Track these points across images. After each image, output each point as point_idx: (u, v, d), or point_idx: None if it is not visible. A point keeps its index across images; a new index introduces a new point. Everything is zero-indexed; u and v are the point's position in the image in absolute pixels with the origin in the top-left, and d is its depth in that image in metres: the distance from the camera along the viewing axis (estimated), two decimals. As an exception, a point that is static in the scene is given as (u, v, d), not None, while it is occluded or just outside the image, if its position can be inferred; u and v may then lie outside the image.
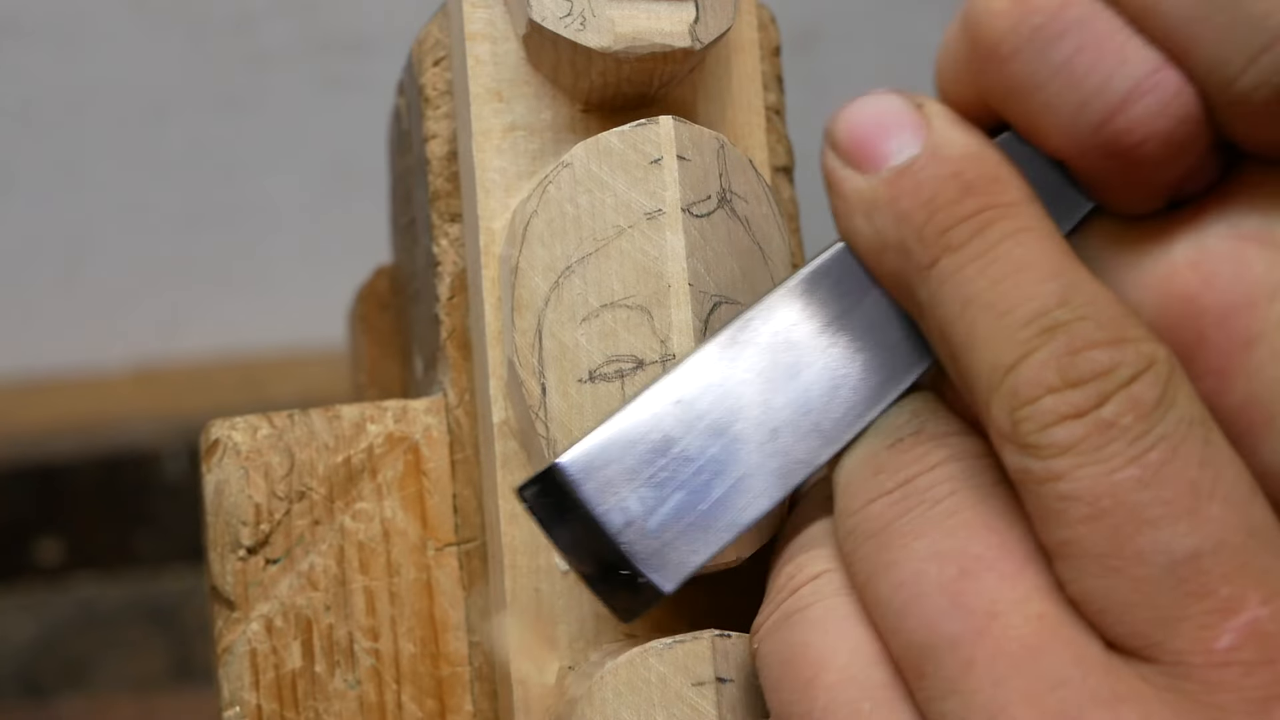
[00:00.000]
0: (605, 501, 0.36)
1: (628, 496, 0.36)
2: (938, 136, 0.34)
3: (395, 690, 0.43)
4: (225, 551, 0.42)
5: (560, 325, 0.41)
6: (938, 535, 0.33)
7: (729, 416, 0.37)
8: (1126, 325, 0.32)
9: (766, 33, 0.46)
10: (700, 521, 0.36)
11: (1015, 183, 0.34)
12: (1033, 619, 0.31)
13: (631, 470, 0.36)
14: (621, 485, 0.36)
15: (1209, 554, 0.30)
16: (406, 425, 0.44)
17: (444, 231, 0.45)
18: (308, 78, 1.10)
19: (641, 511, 0.36)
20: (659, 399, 0.37)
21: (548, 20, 0.41)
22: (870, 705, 0.33)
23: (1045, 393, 0.31)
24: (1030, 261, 0.32)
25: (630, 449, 0.36)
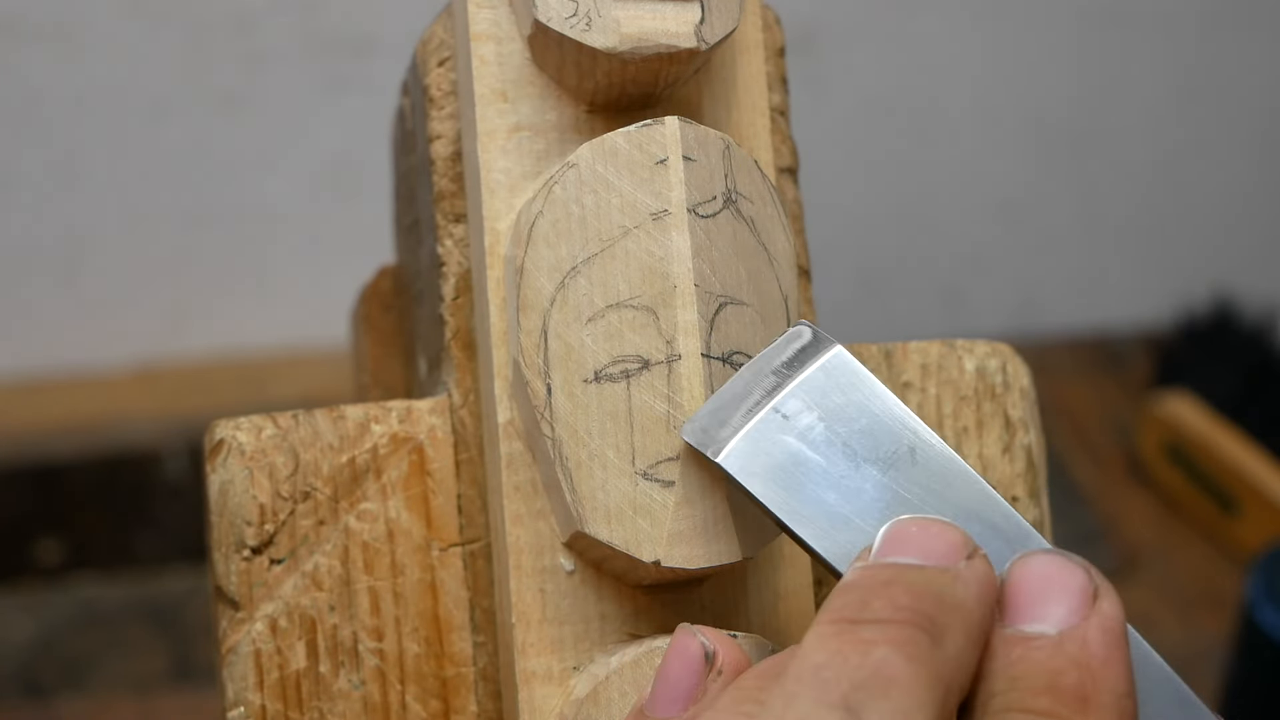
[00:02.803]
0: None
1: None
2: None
3: (399, 690, 0.43)
4: (230, 551, 0.42)
5: (566, 326, 0.41)
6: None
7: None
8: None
9: (771, 33, 0.46)
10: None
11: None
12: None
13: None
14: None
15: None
16: (411, 426, 0.44)
17: (449, 232, 0.45)
18: (308, 78, 1.09)
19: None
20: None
21: (553, 21, 0.41)
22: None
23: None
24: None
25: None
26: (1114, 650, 0.35)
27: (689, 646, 0.38)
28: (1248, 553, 1.03)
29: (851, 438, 0.39)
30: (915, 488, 0.39)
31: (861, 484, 0.39)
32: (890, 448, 0.39)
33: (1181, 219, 1.27)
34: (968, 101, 1.20)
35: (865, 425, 0.39)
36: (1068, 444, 1.14)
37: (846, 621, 0.34)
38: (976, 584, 0.35)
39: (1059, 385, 1.18)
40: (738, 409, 0.40)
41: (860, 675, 0.33)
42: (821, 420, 0.39)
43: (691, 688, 0.38)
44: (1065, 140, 1.23)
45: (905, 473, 0.39)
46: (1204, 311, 1.19)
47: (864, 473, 0.39)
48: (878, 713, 0.33)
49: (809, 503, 0.39)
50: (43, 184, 1.09)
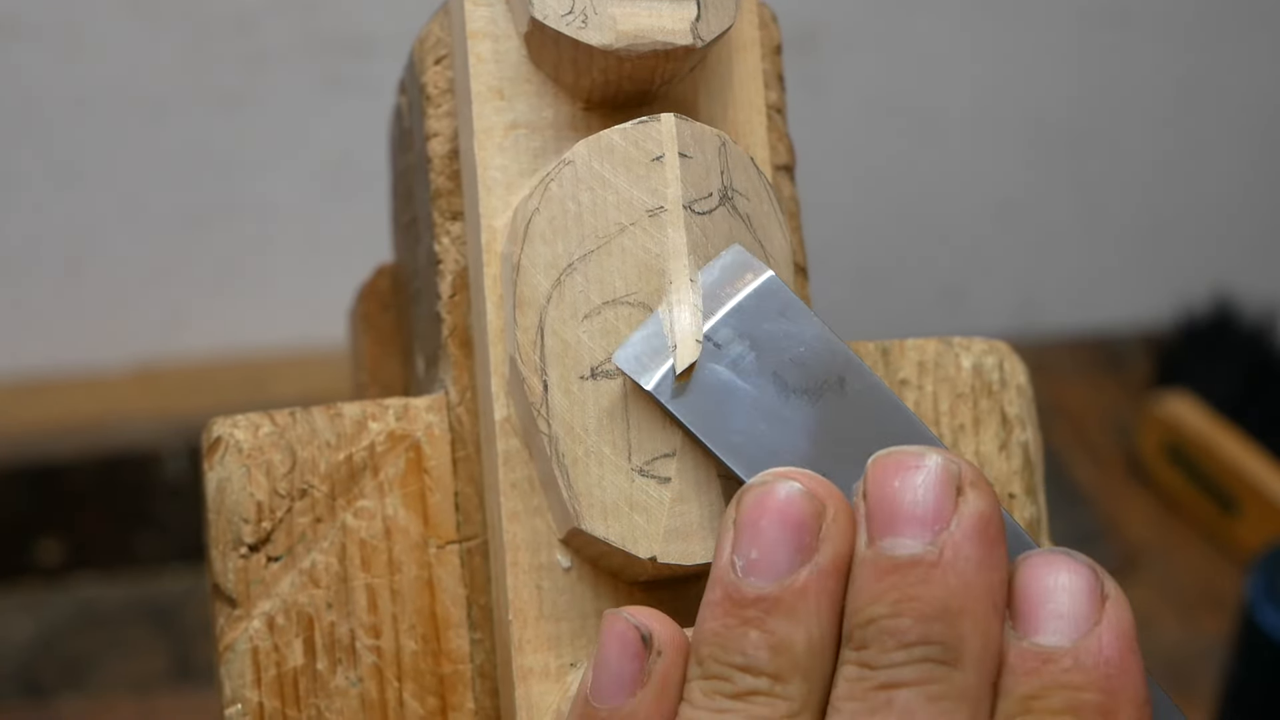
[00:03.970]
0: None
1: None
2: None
3: (397, 688, 0.43)
4: (227, 549, 0.42)
5: (562, 322, 0.41)
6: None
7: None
8: None
9: (768, 31, 0.46)
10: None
11: None
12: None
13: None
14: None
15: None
16: (408, 423, 0.44)
17: (445, 230, 0.45)
18: (308, 77, 1.10)
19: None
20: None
21: (549, 18, 0.41)
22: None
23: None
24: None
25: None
26: (1129, 656, 0.35)
27: (623, 631, 0.38)
28: (1248, 553, 1.03)
29: (782, 366, 0.39)
30: (844, 418, 0.39)
31: (790, 414, 0.39)
32: (821, 377, 0.39)
33: (1181, 219, 1.27)
34: (967, 101, 1.21)
35: (796, 354, 0.39)
36: (1067, 444, 1.14)
37: (867, 667, 0.34)
38: (974, 546, 0.35)
39: (1059, 385, 1.18)
40: (668, 334, 0.40)
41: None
42: (752, 349, 0.39)
43: (635, 673, 0.37)
44: (1065, 140, 1.23)
45: (834, 403, 0.39)
46: (1204, 311, 1.19)
47: (793, 402, 0.39)
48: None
49: (737, 432, 0.39)
50: (43, 184, 1.09)
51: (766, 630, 0.35)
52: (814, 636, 0.35)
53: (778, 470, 0.36)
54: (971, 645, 0.34)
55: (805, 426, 0.39)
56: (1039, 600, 0.35)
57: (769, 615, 0.35)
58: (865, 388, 0.39)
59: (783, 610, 0.35)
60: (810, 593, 0.35)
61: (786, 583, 0.35)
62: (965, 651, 0.34)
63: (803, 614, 0.35)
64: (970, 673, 0.34)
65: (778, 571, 0.35)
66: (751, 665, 0.35)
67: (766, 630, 0.35)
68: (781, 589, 0.35)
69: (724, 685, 0.35)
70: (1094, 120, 1.23)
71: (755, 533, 0.36)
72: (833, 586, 0.35)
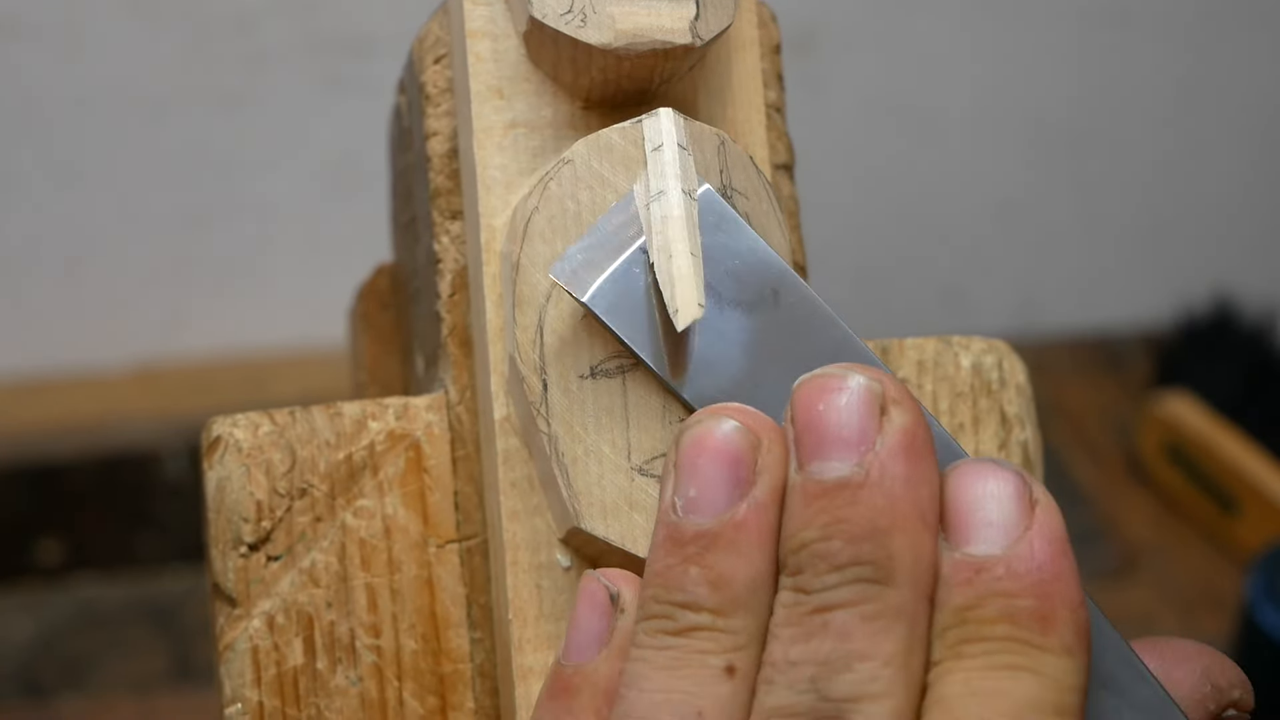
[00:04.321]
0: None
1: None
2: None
3: (397, 687, 0.43)
4: (227, 548, 0.42)
5: (562, 321, 0.41)
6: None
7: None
8: None
9: (767, 30, 0.46)
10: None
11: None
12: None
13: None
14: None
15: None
16: (408, 422, 0.44)
17: (445, 229, 0.45)
18: (308, 77, 1.10)
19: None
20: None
21: (548, 17, 0.41)
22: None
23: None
24: None
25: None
26: (1061, 560, 0.35)
27: (594, 591, 0.38)
28: (1248, 553, 1.03)
29: (716, 279, 0.39)
30: (778, 330, 0.39)
31: (724, 326, 0.39)
32: (755, 290, 0.39)
33: (1181, 219, 1.27)
34: (967, 101, 1.20)
35: (731, 267, 0.39)
36: (1067, 444, 1.14)
37: (801, 592, 0.34)
38: (900, 463, 0.35)
39: (1059, 385, 1.18)
40: (607, 249, 0.40)
41: (823, 653, 0.34)
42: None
43: (602, 630, 0.37)
44: (1065, 140, 1.23)
45: (768, 315, 0.39)
46: (1204, 311, 1.19)
47: (727, 315, 0.39)
48: (845, 685, 0.33)
49: (672, 344, 0.39)
50: (43, 184, 1.09)
51: (706, 566, 0.35)
52: (755, 570, 0.35)
53: (712, 408, 0.37)
54: (903, 562, 0.34)
55: (739, 339, 0.39)
56: (968, 510, 0.35)
57: (708, 551, 0.35)
58: (799, 300, 0.39)
59: (722, 545, 0.35)
60: (749, 526, 0.35)
61: (725, 518, 0.35)
62: (897, 569, 0.34)
63: (743, 548, 0.35)
64: (904, 589, 0.34)
65: (716, 507, 0.35)
66: (693, 601, 0.35)
67: (706, 566, 0.35)
68: (720, 524, 0.35)
69: (667, 623, 0.35)
70: (1094, 120, 1.23)
71: (693, 471, 0.36)
72: (771, 519, 0.35)
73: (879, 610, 0.34)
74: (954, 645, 0.34)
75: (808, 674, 0.34)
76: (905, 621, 0.34)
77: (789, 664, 0.34)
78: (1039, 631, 0.34)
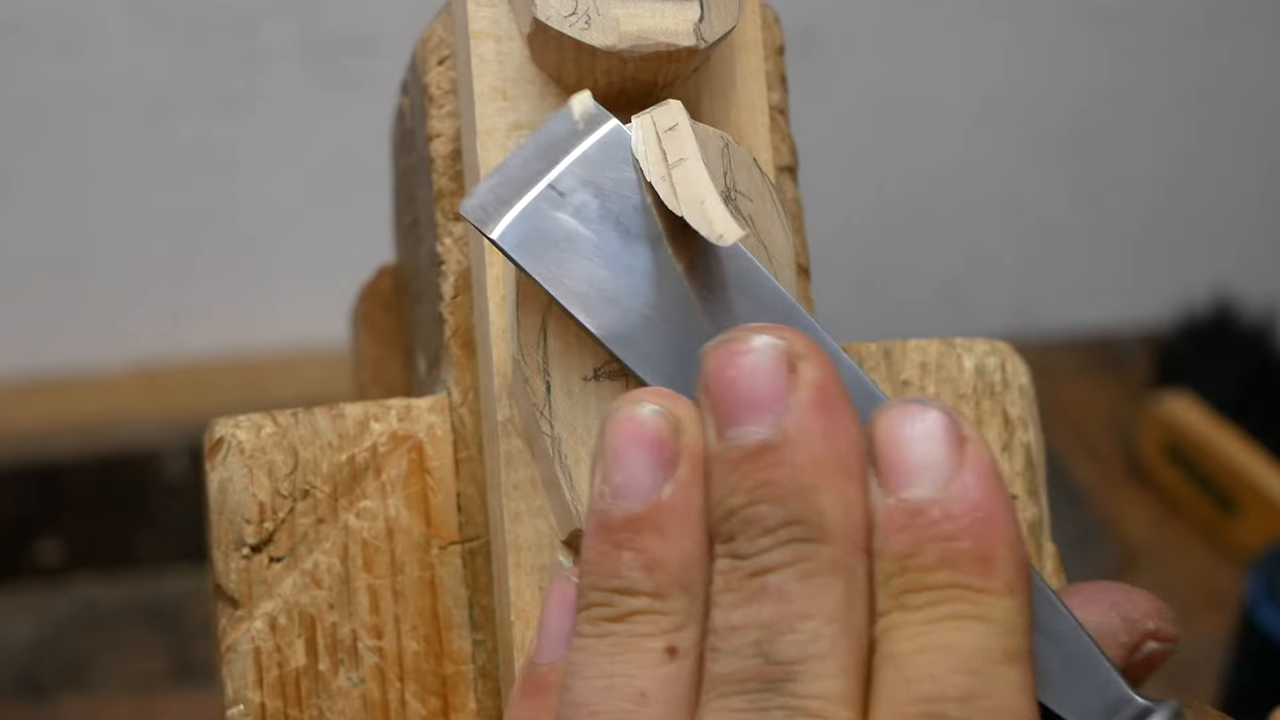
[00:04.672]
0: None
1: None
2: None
3: (399, 688, 0.43)
4: (229, 550, 0.42)
5: (564, 323, 0.41)
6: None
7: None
8: None
9: (770, 32, 0.46)
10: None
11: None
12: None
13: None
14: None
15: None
16: (410, 424, 0.44)
17: (448, 230, 0.45)
18: (308, 78, 1.10)
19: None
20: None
21: (552, 19, 0.41)
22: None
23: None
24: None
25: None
26: (996, 497, 0.34)
27: (563, 589, 0.38)
28: (1248, 553, 1.03)
29: (624, 214, 0.39)
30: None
31: (632, 260, 0.39)
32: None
33: (1181, 219, 1.27)
34: (968, 101, 1.21)
35: (639, 202, 0.39)
36: (1068, 444, 1.14)
37: (736, 558, 0.34)
38: (816, 418, 0.34)
39: (1059, 385, 1.18)
40: (515, 185, 0.40)
41: (764, 615, 0.34)
42: (595, 197, 0.39)
43: (571, 628, 0.37)
44: (1065, 140, 1.23)
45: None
46: (1204, 311, 1.19)
47: (634, 250, 0.39)
48: (790, 647, 0.34)
49: (580, 280, 0.39)
50: (43, 184, 1.09)
51: (638, 550, 0.35)
52: (687, 549, 0.35)
53: (630, 394, 0.37)
54: (833, 516, 0.34)
55: (647, 272, 0.39)
56: (898, 453, 0.35)
57: (639, 534, 0.35)
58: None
59: (651, 527, 0.35)
60: (676, 506, 0.35)
61: (651, 500, 0.35)
62: (828, 524, 0.34)
63: (672, 528, 0.35)
64: (838, 544, 0.34)
65: (642, 491, 0.35)
66: (629, 586, 0.35)
67: (638, 550, 0.35)
68: (647, 507, 0.35)
69: (605, 610, 0.36)
70: (1094, 120, 1.23)
71: (617, 458, 0.36)
72: (697, 497, 0.35)
73: (815, 568, 0.34)
74: (897, 595, 0.34)
75: (751, 638, 0.34)
76: (842, 576, 0.34)
77: (731, 630, 0.34)
78: (980, 574, 0.34)
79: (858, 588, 0.34)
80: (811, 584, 0.34)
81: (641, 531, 0.35)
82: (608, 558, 0.35)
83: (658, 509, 0.35)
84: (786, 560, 0.34)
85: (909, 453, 0.35)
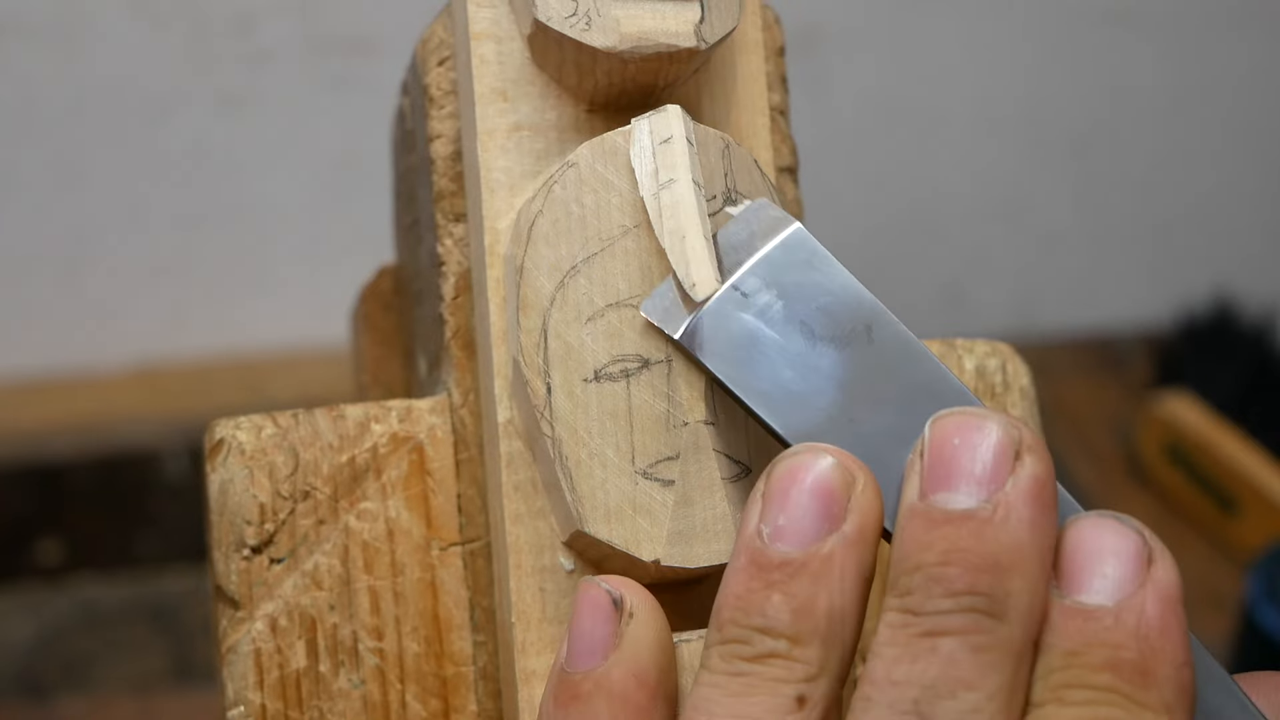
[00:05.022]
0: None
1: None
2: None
3: (399, 690, 0.43)
4: (229, 551, 0.42)
5: (565, 325, 0.41)
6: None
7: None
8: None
9: (771, 33, 0.46)
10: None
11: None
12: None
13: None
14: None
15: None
16: (411, 425, 0.44)
17: (448, 231, 0.45)
18: (308, 78, 1.10)
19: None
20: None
21: (553, 20, 0.41)
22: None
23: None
24: None
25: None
26: (1171, 619, 0.35)
27: (596, 597, 0.38)
28: (1248, 553, 1.03)
29: (809, 315, 0.39)
30: (871, 365, 0.39)
31: (818, 361, 0.39)
32: (848, 326, 0.39)
33: (1181, 219, 1.27)
34: (968, 102, 1.20)
35: (823, 303, 0.40)
36: (1068, 444, 1.14)
37: (910, 614, 0.34)
38: (1027, 507, 0.35)
39: (1059, 385, 1.18)
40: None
41: (929, 676, 0.34)
42: (779, 298, 0.40)
43: (607, 636, 0.37)
44: (1065, 140, 1.23)
45: (861, 351, 0.39)
46: (1204, 311, 1.19)
47: (820, 350, 0.39)
48: (948, 712, 0.33)
49: (765, 380, 0.39)
50: (43, 184, 1.09)
51: (789, 593, 0.35)
52: (836, 604, 0.35)
53: (809, 444, 0.37)
54: (1019, 600, 0.34)
55: (833, 374, 0.39)
56: (1085, 561, 0.35)
57: (793, 579, 0.35)
58: (892, 336, 0.39)
59: (808, 575, 0.35)
60: (835, 560, 0.35)
61: (812, 549, 0.35)
62: (1012, 606, 0.34)
63: (826, 580, 0.35)
64: (1016, 626, 0.34)
65: (804, 539, 0.36)
66: (771, 627, 0.35)
67: (789, 593, 0.35)
68: (807, 555, 0.35)
69: (743, 649, 0.35)
70: (1094, 120, 1.23)
71: (784, 501, 0.36)
72: (857, 557, 0.36)
73: (989, 643, 0.34)
74: (1056, 689, 0.34)
75: (911, 695, 0.34)
76: (1013, 659, 0.34)
77: (891, 683, 0.34)
78: (1140, 685, 0.34)
79: (1022, 675, 0.34)
80: (982, 658, 0.34)
81: (796, 576, 0.35)
82: (756, 595, 0.35)
83: (818, 558, 0.35)
84: (963, 628, 0.34)
85: (1096, 562, 0.35)
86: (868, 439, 0.38)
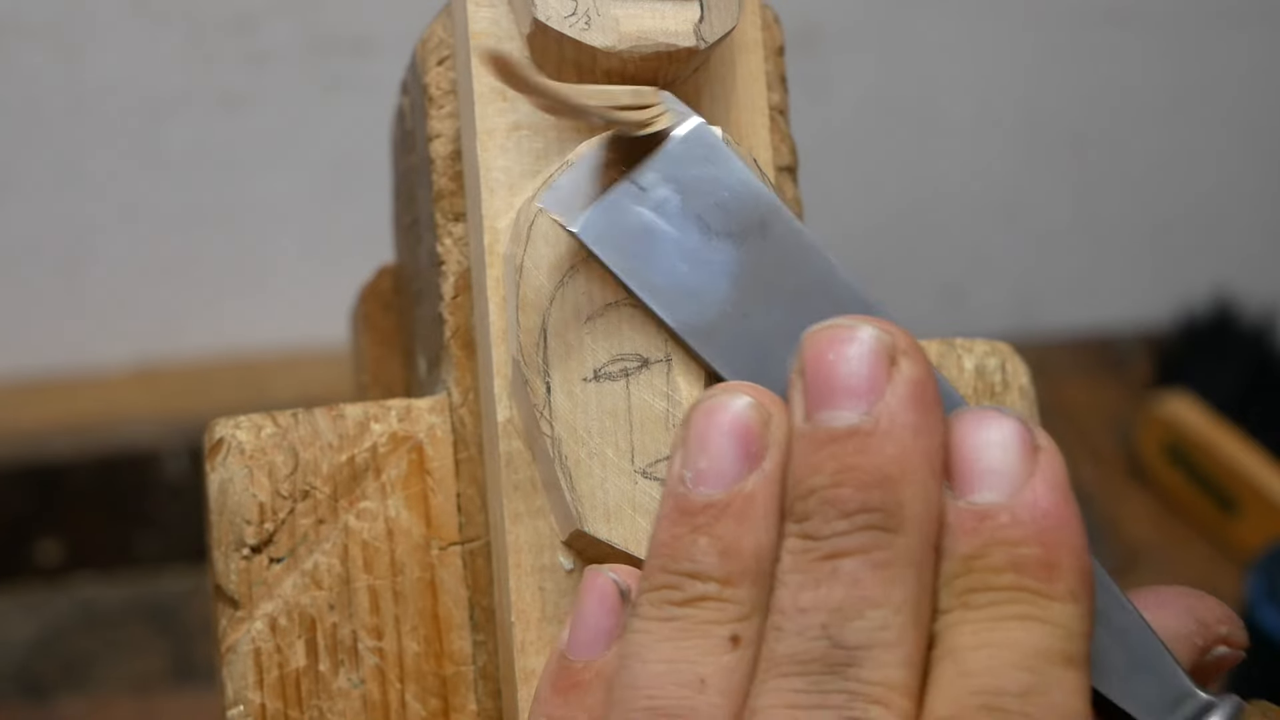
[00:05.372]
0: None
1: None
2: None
3: (399, 689, 0.43)
4: (229, 550, 0.42)
5: (565, 324, 0.41)
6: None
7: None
8: None
9: (770, 32, 0.46)
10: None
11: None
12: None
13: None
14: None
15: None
16: (410, 424, 0.44)
17: (448, 231, 0.45)
18: (308, 78, 1.09)
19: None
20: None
21: (552, 19, 0.41)
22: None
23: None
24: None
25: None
26: (1064, 505, 0.35)
27: (602, 586, 0.38)
28: (1248, 553, 1.03)
29: (705, 210, 0.40)
30: (765, 262, 0.39)
31: (712, 256, 0.39)
32: (744, 222, 0.39)
33: (1181, 219, 1.27)
34: (968, 101, 1.20)
35: (720, 199, 0.40)
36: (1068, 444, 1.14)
37: (809, 539, 0.34)
38: (909, 413, 0.34)
39: (1059, 385, 1.18)
40: (597, 180, 0.40)
41: (834, 599, 0.34)
42: (677, 193, 0.40)
43: (611, 626, 0.37)
44: (1065, 140, 1.23)
45: (756, 246, 0.39)
46: (1204, 311, 1.19)
47: (715, 245, 0.39)
48: (857, 633, 0.34)
49: (660, 273, 0.39)
50: (43, 184, 1.09)
51: (715, 535, 0.35)
52: (762, 542, 0.35)
53: (724, 385, 0.37)
54: (912, 510, 0.34)
55: (727, 269, 0.39)
56: (972, 458, 0.35)
57: (718, 521, 0.35)
58: (787, 232, 0.39)
59: (732, 515, 0.35)
60: (758, 499, 0.35)
61: (735, 489, 0.35)
62: (907, 517, 0.34)
63: (751, 519, 0.35)
64: (913, 537, 0.34)
65: (726, 479, 0.35)
66: (700, 571, 0.35)
67: (715, 535, 0.35)
68: (730, 495, 0.35)
69: (672, 594, 0.35)
70: (1094, 120, 1.23)
71: (703, 444, 0.36)
72: (778, 493, 0.35)
73: (889, 558, 0.34)
74: (961, 594, 0.34)
75: (819, 620, 0.34)
76: (914, 569, 0.34)
77: (799, 610, 0.34)
78: (1045, 579, 0.34)
79: (926, 583, 0.34)
80: (884, 573, 0.34)
81: (720, 518, 0.35)
82: (681, 540, 0.35)
83: (740, 498, 0.35)
84: (862, 546, 0.34)
85: (983, 457, 0.35)
86: (759, 335, 0.38)
